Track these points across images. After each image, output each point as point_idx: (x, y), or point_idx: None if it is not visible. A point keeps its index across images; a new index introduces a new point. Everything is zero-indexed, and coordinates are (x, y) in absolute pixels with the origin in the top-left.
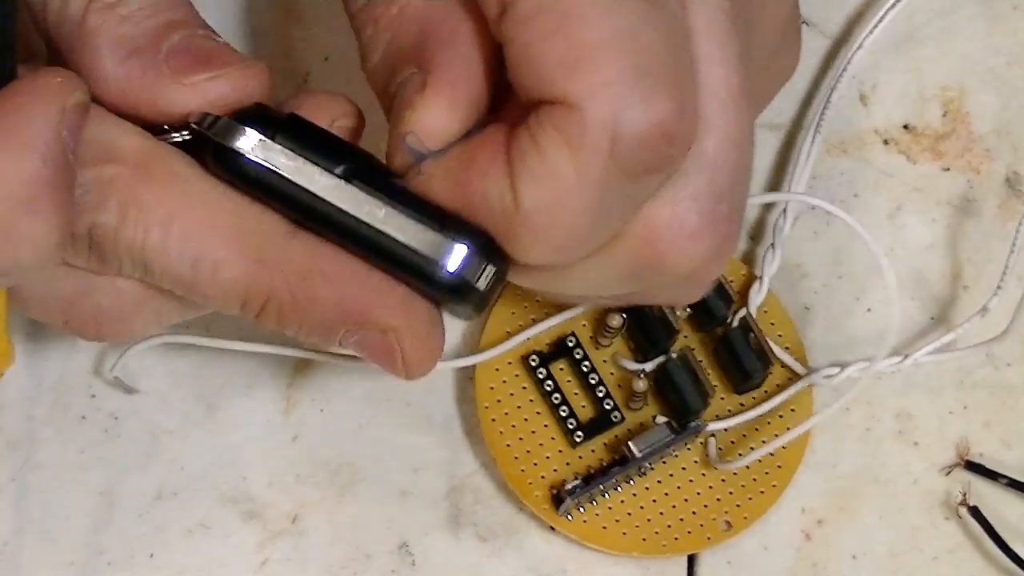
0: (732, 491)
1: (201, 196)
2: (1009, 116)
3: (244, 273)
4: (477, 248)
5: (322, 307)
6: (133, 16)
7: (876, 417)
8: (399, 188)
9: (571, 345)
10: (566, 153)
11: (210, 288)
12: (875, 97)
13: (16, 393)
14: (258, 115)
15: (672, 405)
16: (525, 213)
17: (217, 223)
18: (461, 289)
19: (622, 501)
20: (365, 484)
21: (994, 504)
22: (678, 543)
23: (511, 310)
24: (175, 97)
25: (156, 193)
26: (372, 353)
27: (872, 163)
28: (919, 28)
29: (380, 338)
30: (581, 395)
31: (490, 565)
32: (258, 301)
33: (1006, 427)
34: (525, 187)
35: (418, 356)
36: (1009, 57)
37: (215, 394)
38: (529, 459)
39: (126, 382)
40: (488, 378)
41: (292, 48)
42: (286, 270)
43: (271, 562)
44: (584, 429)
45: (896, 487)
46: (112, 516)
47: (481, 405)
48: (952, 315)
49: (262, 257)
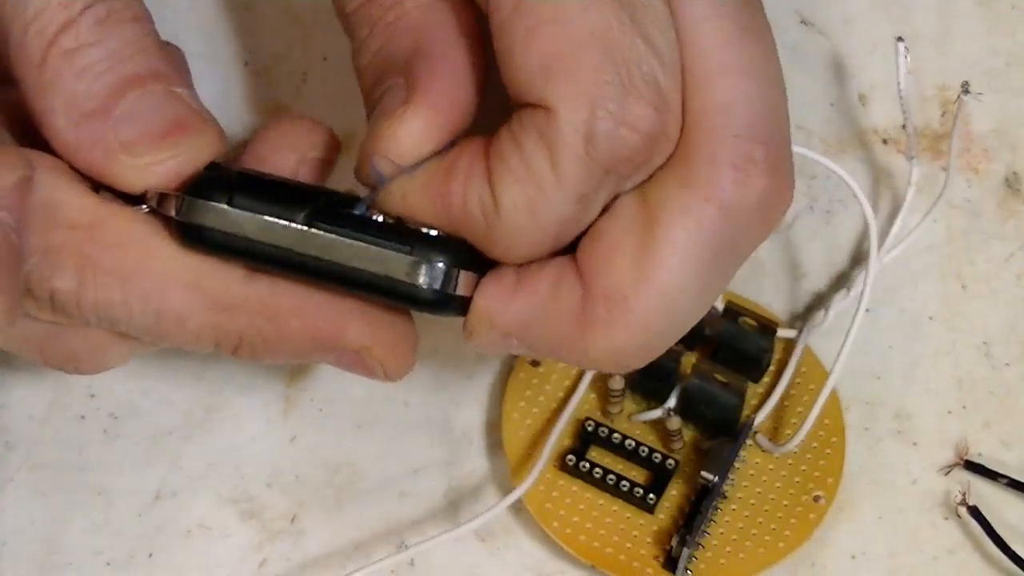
0: (804, 468)
1: (155, 254)
2: (1008, 116)
3: (208, 322)
4: (449, 259)
5: (292, 339)
6: (91, 69)
7: (875, 416)
8: (363, 219)
9: (592, 429)
10: (544, 154)
11: (179, 337)
12: (874, 97)
13: (16, 393)
14: (212, 181)
15: (712, 421)
16: (505, 213)
17: (174, 278)
18: (442, 302)
19: (722, 532)
20: (364, 484)
21: (993, 504)
22: (791, 537)
23: (519, 433)
24: (127, 176)
25: (111, 255)
26: (350, 368)
27: (871, 163)
28: (918, 28)
29: (355, 357)
30: (628, 465)
31: (489, 565)
32: (229, 343)
33: (1005, 427)
34: (504, 188)
35: (394, 365)
36: (1008, 57)
37: (214, 394)
38: (622, 546)
39: None
40: (541, 500)
41: (291, 48)
42: (250, 313)
43: (270, 562)
44: (651, 490)
45: (895, 487)
46: (111, 516)
47: (550, 526)
48: (951, 312)
49: (224, 305)
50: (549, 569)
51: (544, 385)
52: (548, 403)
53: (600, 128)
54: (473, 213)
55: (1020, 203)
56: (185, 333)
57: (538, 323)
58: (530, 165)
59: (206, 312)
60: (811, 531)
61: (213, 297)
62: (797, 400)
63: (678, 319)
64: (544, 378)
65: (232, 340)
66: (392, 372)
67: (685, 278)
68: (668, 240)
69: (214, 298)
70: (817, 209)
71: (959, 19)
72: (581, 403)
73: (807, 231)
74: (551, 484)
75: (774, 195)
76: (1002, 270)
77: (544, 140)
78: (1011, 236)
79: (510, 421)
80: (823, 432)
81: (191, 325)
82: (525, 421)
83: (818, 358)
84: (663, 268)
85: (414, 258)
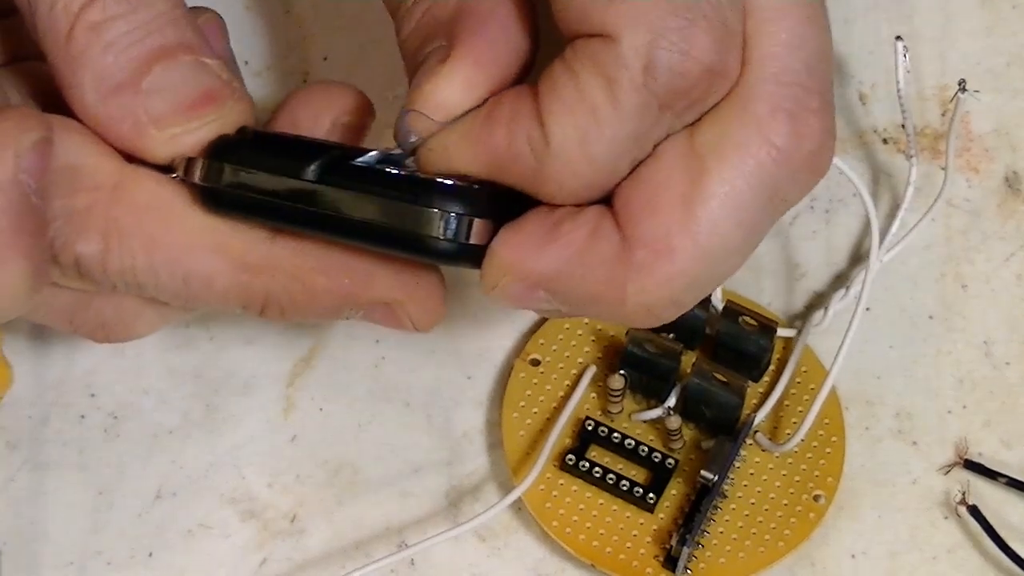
0: (804, 467)
1: (180, 217)
2: (1008, 116)
3: (235, 283)
4: (462, 208)
5: (321, 298)
6: (118, 42)
7: (875, 416)
8: (378, 172)
9: (591, 428)
10: (600, 82)
11: (207, 299)
12: (874, 96)
13: (16, 392)
14: (230, 144)
15: (712, 420)
16: (557, 145)
17: (199, 241)
18: (459, 252)
19: (722, 531)
20: (365, 484)
21: (993, 503)
22: (790, 536)
23: (519, 432)
24: (156, 149)
25: (135, 218)
26: (380, 322)
27: (871, 162)
28: (918, 28)
29: (384, 310)
30: (628, 464)
31: (489, 565)
32: (257, 303)
33: (1005, 426)
34: (556, 119)
35: (425, 317)
36: (1008, 57)
37: (215, 394)
38: (622, 546)
39: None
40: (541, 499)
41: (292, 48)
42: (276, 272)
43: (270, 562)
44: (650, 490)
45: (895, 486)
46: (111, 516)
47: (550, 525)
48: (951, 312)
49: (249, 265)
50: (549, 568)
51: (544, 384)
52: (548, 402)
53: (661, 57)
54: (521, 151)
55: (1020, 203)
56: (212, 294)
57: (572, 273)
58: (585, 94)
59: (232, 273)
60: (811, 530)
61: (238, 258)
62: (797, 399)
63: (720, 269)
64: (544, 377)
65: (259, 300)
66: (421, 324)
67: (733, 226)
68: (719, 185)
69: (239, 259)
70: (817, 208)
71: (959, 19)
72: (581, 402)
73: (807, 230)
74: (551, 483)
75: (825, 146)
76: (1002, 270)
77: (600, 68)
78: (1011, 236)
79: (510, 420)
80: (823, 432)
81: (218, 286)
82: (525, 420)
83: (818, 357)
84: (711, 214)
85: (423, 207)
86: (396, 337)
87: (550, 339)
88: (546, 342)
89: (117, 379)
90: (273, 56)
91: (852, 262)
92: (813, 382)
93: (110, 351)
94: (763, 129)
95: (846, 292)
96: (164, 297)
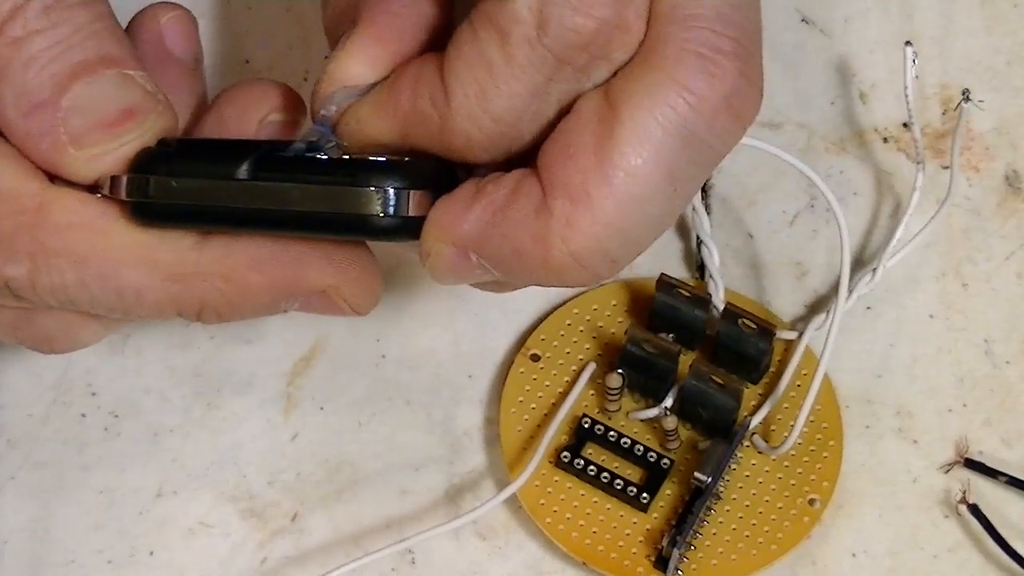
0: (800, 470)
1: (105, 234)
2: (1008, 115)
3: (167, 294)
4: (398, 182)
5: (256, 295)
6: (39, 58)
7: (875, 415)
8: (306, 160)
9: (588, 426)
10: (496, 38)
11: (141, 311)
12: (875, 95)
13: (16, 391)
14: (153, 155)
15: (708, 422)
16: (456, 102)
17: (126, 256)
18: (397, 227)
19: (715, 533)
20: (365, 483)
21: (994, 502)
22: (783, 540)
23: (517, 428)
24: (77, 168)
25: (60, 238)
26: (318, 310)
27: (872, 161)
28: (919, 27)
29: (321, 298)
30: (623, 463)
31: (489, 563)
32: (192, 310)
33: (1006, 425)
34: (455, 76)
35: (363, 298)
36: (1009, 56)
37: (215, 392)
38: (615, 545)
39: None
40: (535, 496)
41: (292, 48)
42: (206, 277)
43: (271, 560)
44: (644, 490)
45: (896, 485)
46: (112, 514)
47: (543, 522)
48: (952, 311)
49: (179, 275)
50: (549, 567)
51: (544, 380)
52: (547, 398)
53: (553, 12)
54: (425, 111)
55: (1020, 201)
56: (146, 307)
57: (495, 231)
58: (482, 52)
59: (162, 285)
60: (805, 534)
61: (167, 269)
62: (796, 403)
63: (644, 218)
64: (544, 373)
65: (194, 306)
66: (359, 307)
67: (651, 171)
68: (632, 129)
69: (168, 270)
70: (818, 207)
71: (960, 18)
72: (580, 400)
73: (808, 229)
74: (546, 480)
75: (744, 90)
76: (1003, 268)
77: (496, 26)
78: (1012, 234)
79: (508, 416)
80: (820, 435)
81: (150, 298)
82: (523, 416)
83: (819, 360)
84: (626, 158)
85: (360, 187)
86: (396, 336)
87: (551, 335)
88: (547, 338)
89: (117, 378)
90: (274, 55)
91: (854, 261)
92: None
93: (110, 350)
94: (672, 72)
95: (848, 296)
96: (100, 311)
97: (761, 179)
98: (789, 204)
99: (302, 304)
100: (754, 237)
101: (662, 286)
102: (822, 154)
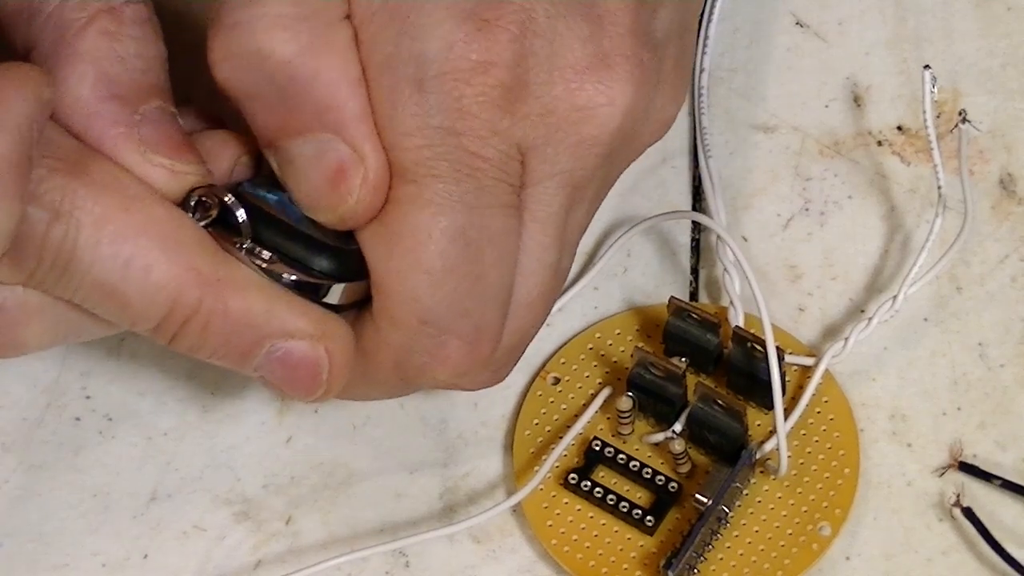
0: (813, 497)
1: (139, 199)
2: (1003, 118)
3: (176, 279)
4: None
5: (250, 322)
6: (129, 61)
7: (870, 418)
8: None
9: (598, 448)
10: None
11: (137, 291)
12: (869, 98)
13: (11, 394)
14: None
15: (716, 445)
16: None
17: (154, 228)
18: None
19: (721, 558)
20: (359, 485)
21: (988, 505)
22: (790, 566)
23: (531, 449)
24: (137, 168)
25: (93, 191)
26: (297, 364)
27: (866, 164)
28: (913, 30)
29: (308, 347)
30: (632, 486)
31: (484, 566)
32: (183, 313)
33: (1000, 428)
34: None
35: (342, 365)
36: (1003, 59)
37: (209, 395)
38: (620, 567)
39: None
40: (540, 516)
41: None
42: (219, 284)
43: (265, 563)
44: (651, 513)
45: (890, 488)
46: (106, 517)
47: (548, 543)
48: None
49: (197, 268)
50: (542, 572)
51: (560, 404)
52: (563, 420)
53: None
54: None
55: (1015, 205)
56: (145, 288)
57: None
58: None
59: (176, 267)
60: (812, 562)
61: (187, 256)
62: (814, 426)
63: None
64: (562, 396)
65: (185, 311)
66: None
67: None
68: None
69: (188, 257)
70: (812, 211)
71: (955, 21)
72: (594, 423)
73: (802, 232)
74: (555, 501)
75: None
76: (997, 272)
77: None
78: (1006, 238)
79: (522, 437)
80: (836, 463)
81: (155, 277)
82: (537, 439)
83: (839, 386)
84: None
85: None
86: None
87: (571, 359)
88: (567, 361)
89: (112, 381)
90: None
91: (847, 263)
92: (833, 412)
93: (105, 353)
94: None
95: (868, 323)
96: (84, 287)
97: (755, 182)
98: (783, 207)
99: (284, 353)
100: (748, 240)
101: (674, 310)
102: (816, 157)
